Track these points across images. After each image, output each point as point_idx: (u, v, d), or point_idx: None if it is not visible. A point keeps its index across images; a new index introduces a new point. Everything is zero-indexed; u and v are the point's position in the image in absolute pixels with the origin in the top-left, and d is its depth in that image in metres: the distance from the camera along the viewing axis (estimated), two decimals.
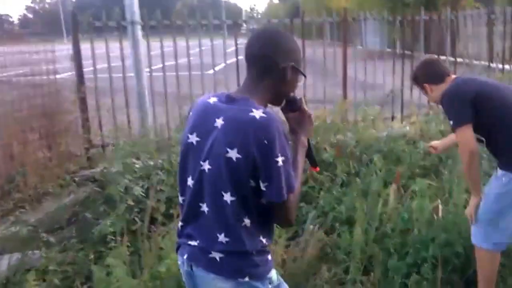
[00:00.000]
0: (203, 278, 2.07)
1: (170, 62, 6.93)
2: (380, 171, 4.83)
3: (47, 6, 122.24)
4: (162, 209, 4.15)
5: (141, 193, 4.61)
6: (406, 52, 8.11)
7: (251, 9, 65.66)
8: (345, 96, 7.49)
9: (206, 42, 7.17)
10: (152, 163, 5.19)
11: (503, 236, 3.32)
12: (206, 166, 1.99)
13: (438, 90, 3.32)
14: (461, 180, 4.44)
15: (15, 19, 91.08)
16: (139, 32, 7.02)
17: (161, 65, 6.74)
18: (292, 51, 2.08)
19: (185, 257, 2.10)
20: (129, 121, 6.67)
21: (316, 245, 3.99)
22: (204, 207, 2.03)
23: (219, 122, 1.96)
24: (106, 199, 4.80)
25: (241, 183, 1.94)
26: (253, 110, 1.92)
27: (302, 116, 2.17)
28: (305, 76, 2.25)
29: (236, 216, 1.98)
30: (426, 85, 3.40)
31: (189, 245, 2.08)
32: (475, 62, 8.54)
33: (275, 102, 2.14)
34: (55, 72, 6.16)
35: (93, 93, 6.55)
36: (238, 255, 2.03)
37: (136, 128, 6.76)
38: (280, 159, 1.89)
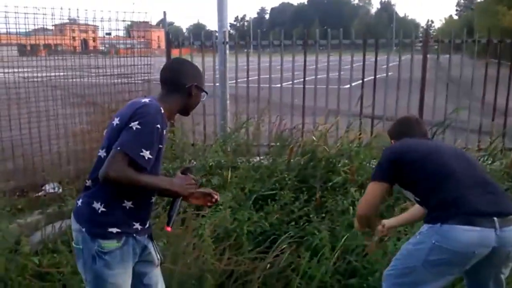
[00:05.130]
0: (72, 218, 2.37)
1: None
2: None
3: (245, 23, 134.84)
4: None
5: None
6: None
7: (428, 25, 62.46)
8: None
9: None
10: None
11: None
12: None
13: None
14: None
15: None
16: (227, 50, 7.31)
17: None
18: (195, 75, 2.46)
19: None
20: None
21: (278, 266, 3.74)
22: None
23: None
24: None
25: (112, 142, 2.16)
26: (145, 99, 2.28)
27: (184, 177, 2.36)
28: (206, 93, 2.54)
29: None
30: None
31: None
32: None
33: (183, 113, 2.49)
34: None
35: None
36: (87, 205, 2.26)
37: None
38: (134, 124, 2.13)
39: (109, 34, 7.97)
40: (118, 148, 2.09)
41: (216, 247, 3.71)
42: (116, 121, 2.24)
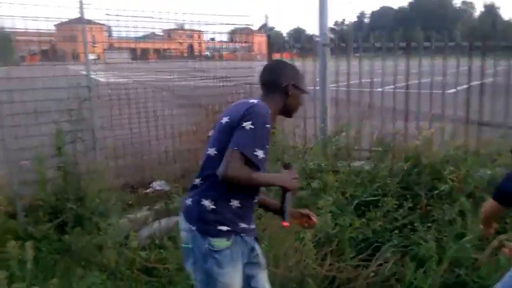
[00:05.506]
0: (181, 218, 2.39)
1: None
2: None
3: (345, 28, 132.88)
4: None
5: None
6: None
7: None
8: None
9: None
10: None
11: None
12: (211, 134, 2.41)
13: None
14: None
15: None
16: (328, 53, 6.99)
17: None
18: (292, 74, 2.44)
19: None
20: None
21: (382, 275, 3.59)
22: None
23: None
24: None
25: (223, 140, 2.20)
26: (252, 100, 2.30)
27: (289, 173, 2.34)
28: (307, 93, 2.50)
29: (215, 167, 2.18)
30: None
31: None
32: None
33: (286, 114, 2.50)
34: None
35: None
36: (197, 203, 2.27)
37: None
38: (247, 124, 2.14)
39: (213, 39, 8.17)
40: (235, 148, 2.11)
41: (317, 252, 3.63)
42: (225, 119, 2.27)
